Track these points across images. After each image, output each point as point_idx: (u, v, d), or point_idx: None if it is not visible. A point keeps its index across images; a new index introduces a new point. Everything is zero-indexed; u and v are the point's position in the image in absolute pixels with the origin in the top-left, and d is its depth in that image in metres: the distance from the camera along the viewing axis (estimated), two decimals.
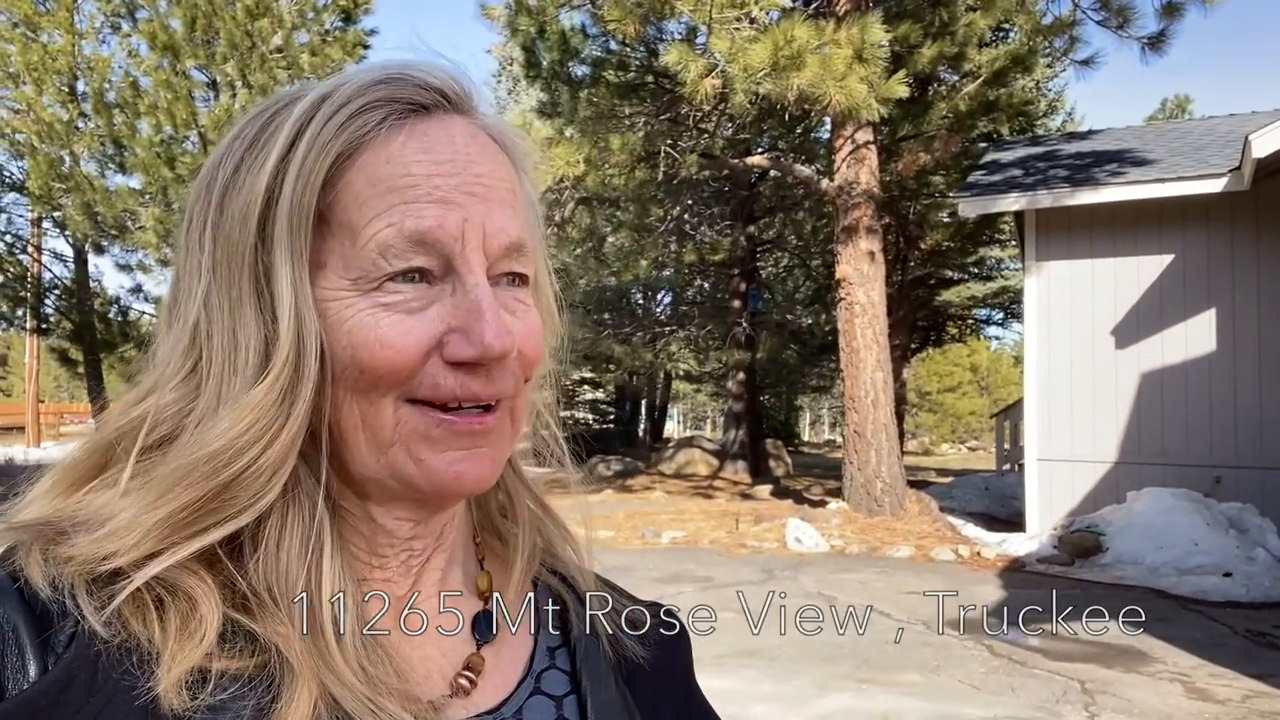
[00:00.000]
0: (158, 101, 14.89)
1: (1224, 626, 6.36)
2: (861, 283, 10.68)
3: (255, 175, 0.54)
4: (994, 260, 23.83)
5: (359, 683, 0.51)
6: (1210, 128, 11.76)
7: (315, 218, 0.54)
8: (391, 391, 0.53)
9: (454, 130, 0.56)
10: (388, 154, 0.54)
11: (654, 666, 0.68)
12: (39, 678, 0.48)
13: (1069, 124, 25.21)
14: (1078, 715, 4.55)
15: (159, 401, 0.54)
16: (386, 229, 0.52)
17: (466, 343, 0.53)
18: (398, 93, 0.55)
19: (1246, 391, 9.41)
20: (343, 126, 0.54)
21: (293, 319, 0.52)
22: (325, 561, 0.54)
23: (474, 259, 0.54)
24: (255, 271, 0.54)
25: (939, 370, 35.28)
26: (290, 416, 0.52)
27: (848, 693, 4.90)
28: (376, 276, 0.53)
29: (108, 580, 0.50)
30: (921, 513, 10.40)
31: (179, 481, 0.51)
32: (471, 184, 0.55)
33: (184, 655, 0.49)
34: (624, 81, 13.03)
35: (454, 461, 0.54)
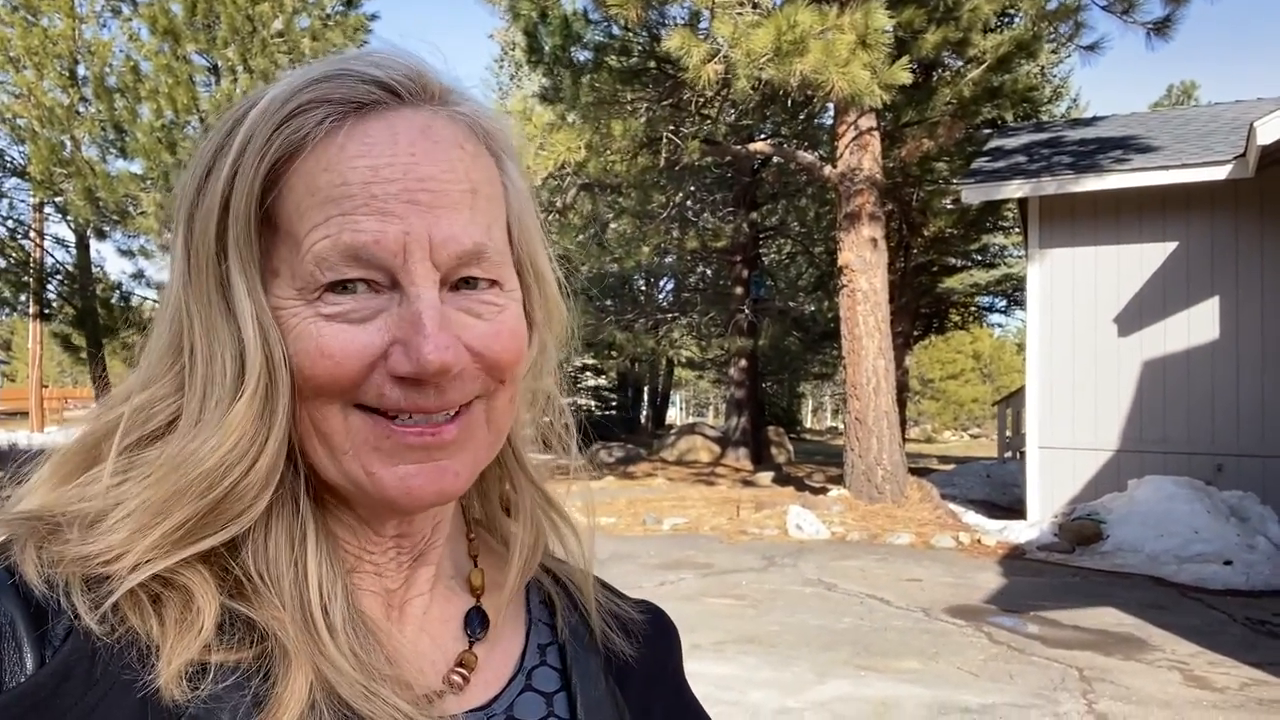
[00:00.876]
0: (159, 86, 14.86)
1: (1223, 614, 6.37)
2: (864, 269, 10.66)
3: (216, 181, 0.53)
4: (997, 247, 23.77)
5: (352, 669, 0.51)
6: (1216, 114, 11.69)
7: (266, 224, 0.53)
8: (336, 400, 0.52)
9: (398, 128, 0.53)
10: (326, 160, 0.52)
11: (643, 665, 0.68)
12: (36, 670, 0.48)
13: (1074, 110, 25.09)
14: (1076, 703, 4.56)
15: (145, 399, 0.54)
16: (323, 241, 0.51)
17: (405, 357, 0.51)
18: (336, 90, 0.53)
19: (1249, 380, 9.39)
20: (278, 130, 0.52)
21: (256, 331, 0.51)
22: (310, 554, 0.53)
23: (418, 270, 0.51)
24: (219, 280, 0.53)
25: (941, 357, 35.24)
26: (273, 429, 0.52)
27: (846, 679, 4.91)
28: (316, 287, 0.51)
29: (103, 577, 0.50)
30: (922, 500, 10.41)
31: (172, 500, 0.51)
32: (415, 191, 0.51)
33: (182, 648, 0.48)
34: (626, 67, 12.97)
35: (406, 476, 0.53)
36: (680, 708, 0.71)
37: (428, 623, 0.61)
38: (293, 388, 0.52)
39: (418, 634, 0.60)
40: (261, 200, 0.52)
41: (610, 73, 12.36)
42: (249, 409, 0.51)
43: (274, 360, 0.51)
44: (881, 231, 11.07)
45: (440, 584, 0.62)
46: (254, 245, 0.52)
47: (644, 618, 0.71)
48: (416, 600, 0.60)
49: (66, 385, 44.92)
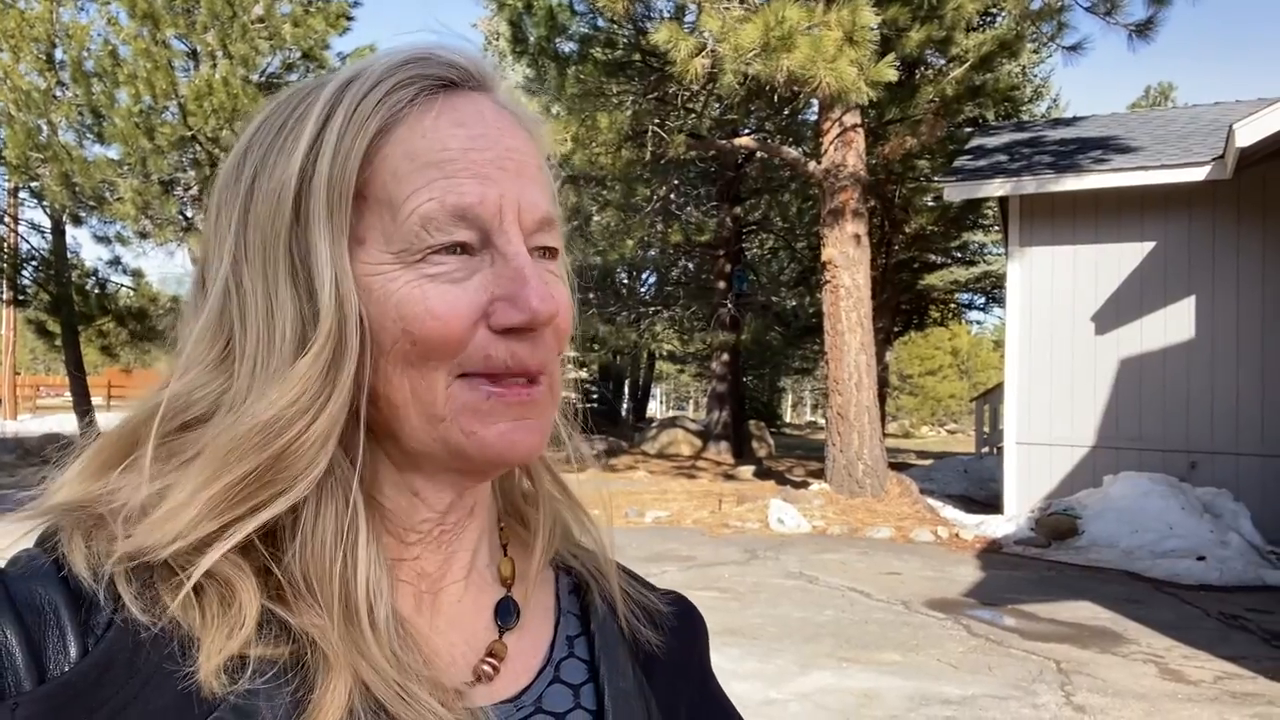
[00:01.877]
0: (137, 71, 14.65)
1: (1197, 609, 6.48)
2: (847, 265, 10.72)
3: (288, 157, 0.55)
4: (977, 245, 23.95)
5: (390, 669, 0.52)
6: (1194, 115, 11.84)
7: (353, 194, 0.54)
8: (444, 364, 0.54)
9: (481, 106, 0.57)
10: (422, 129, 0.55)
11: (670, 656, 0.68)
12: (79, 659, 0.48)
13: (1054, 110, 25.30)
14: (1053, 695, 4.63)
15: (187, 384, 0.55)
16: (428, 203, 0.53)
17: (514, 309, 0.54)
18: (427, 69, 0.57)
19: (1223, 379, 9.54)
20: (380, 103, 0.55)
21: (333, 293, 0.52)
22: (360, 548, 0.54)
23: (512, 231, 0.55)
24: (291, 251, 0.54)
25: (920, 353, 35.50)
26: (336, 388, 0.52)
27: (829, 671, 4.96)
28: (420, 249, 0.53)
29: (148, 567, 0.51)
30: (902, 494, 10.50)
31: (231, 454, 0.51)
32: (504, 159, 0.56)
33: (224, 643, 0.49)
34: (611, 59, 12.95)
35: (506, 432, 0.55)
36: (706, 698, 0.71)
37: (460, 612, 0.61)
38: (363, 355, 0.53)
39: (449, 624, 0.60)
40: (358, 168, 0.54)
41: (595, 65, 12.34)
42: (313, 366, 0.52)
43: (347, 324, 0.53)
44: (865, 228, 11.14)
45: (475, 572, 0.63)
46: (345, 211, 0.54)
47: (671, 608, 0.71)
48: (451, 588, 0.61)
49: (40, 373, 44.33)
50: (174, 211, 15.71)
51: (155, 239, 15.96)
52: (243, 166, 0.57)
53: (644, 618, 0.68)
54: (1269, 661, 5.20)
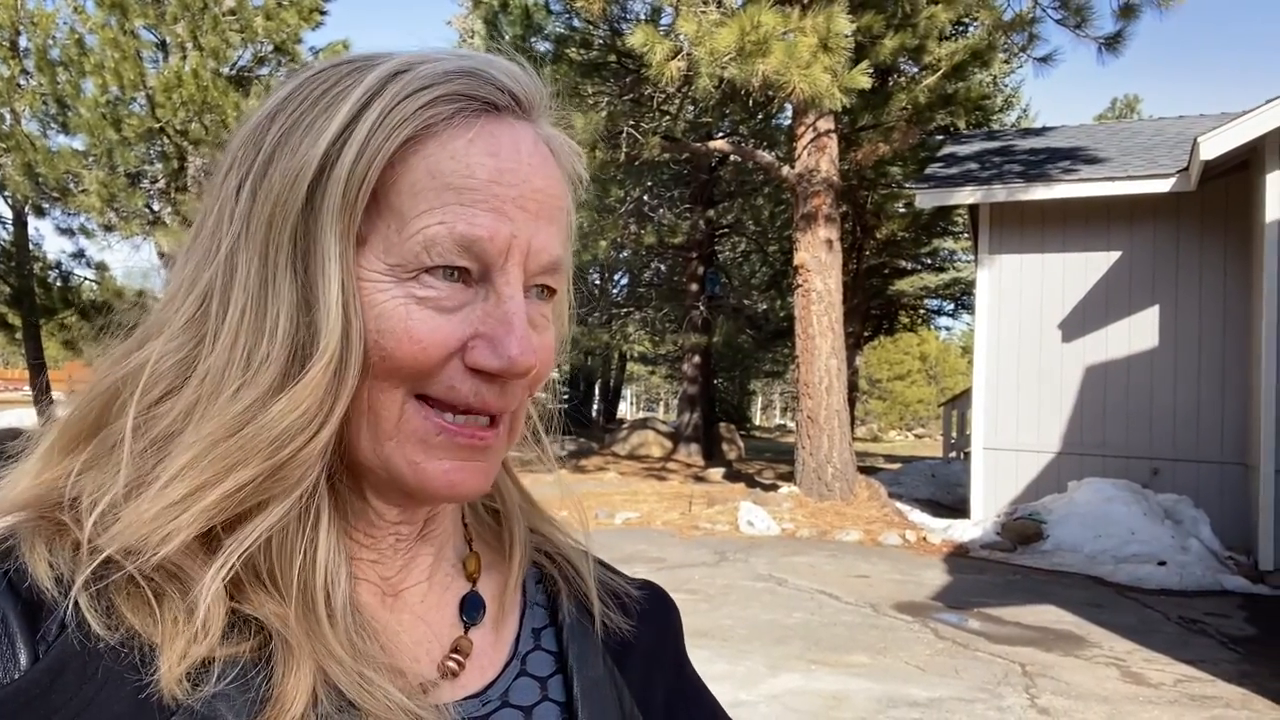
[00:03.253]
0: (104, 61, 14.41)
1: (1158, 613, 6.60)
2: (819, 270, 10.79)
3: (314, 138, 0.52)
4: (947, 251, 24.21)
5: (348, 657, 0.51)
6: (1160, 128, 12.06)
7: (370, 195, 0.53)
8: (405, 385, 0.53)
9: (520, 138, 0.55)
10: (453, 149, 0.53)
11: (643, 643, 0.68)
12: (30, 667, 0.47)
13: (1024, 120, 25.65)
14: (1019, 697, 4.69)
15: (160, 350, 0.53)
16: (438, 226, 0.52)
17: (492, 353, 0.52)
18: (476, 88, 0.54)
19: (1185, 387, 9.72)
20: (420, 110, 0.53)
21: (339, 300, 0.51)
22: (322, 537, 0.53)
23: (514, 272, 0.54)
24: (296, 236, 0.52)
25: (889, 358, 35.81)
26: (338, 401, 0.51)
27: (798, 673, 4.99)
28: (415, 268, 0.52)
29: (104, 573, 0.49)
30: (870, 498, 10.58)
31: (239, 458, 0.50)
32: (528, 198, 0.54)
33: (188, 649, 0.48)
34: (587, 60, 12.94)
35: (449, 471, 0.54)
36: (682, 684, 0.71)
37: (424, 610, 0.61)
38: (363, 364, 0.52)
39: (414, 621, 0.60)
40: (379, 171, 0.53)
41: (571, 65, 12.33)
42: (323, 376, 0.51)
43: (351, 333, 0.51)
44: (837, 233, 11.22)
45: (438, 571, 0.62)
46: (356, 212, 0.52)
47: (642, 594, 0.71)
48: (414, 588, 0.61)
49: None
50: (140, 205, 15.46)
51: (121, 232, 15.70)
52: (267, 131, 0.54)
53: (615, 605, 0.68)
54: (1227, 665, 5.30)
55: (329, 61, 0.57)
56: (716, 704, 0.72)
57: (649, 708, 0.66)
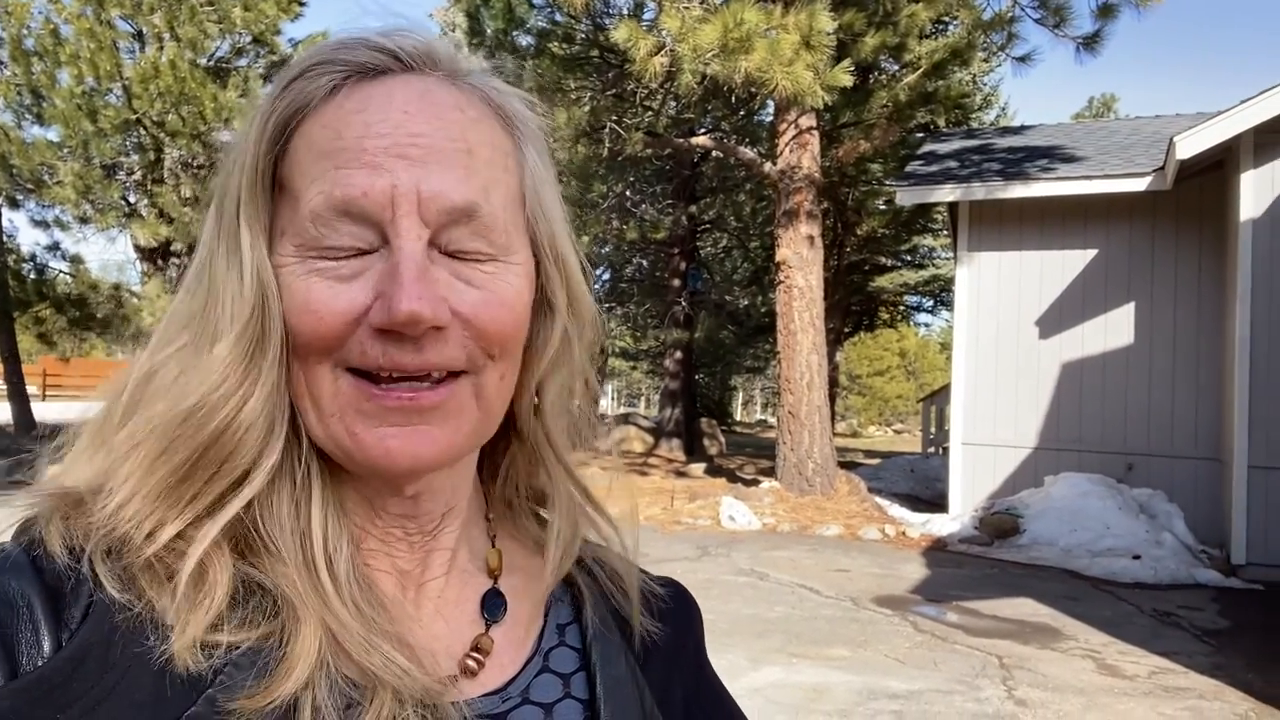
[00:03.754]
0: (80, 51, 14.24)
1: (1132, 606, 6.70)
2: (800, 266, 10.84)
3: (243, 144, 0.55)
4: (926, 248, 24.38)
5: (354, 620, 0.52)
6: (1136, 127, 12.19)
7: (276, 183, 0.54)
8: (326, 359, 0.53)
9: (395, 90, 0.54)
10: (325, 117, 0.53)
11: (665, 642, 0.68)
12: (53, 654, 0.48)
13: (1003, 118, 25.84)
14: (996, 689, 4.76)
15: (160, 357, 0.55)
16: (317, 196, 0.52)
17: (382, 307, 0.51)
18: (346, 55, 0.55)
19: (1160, 383, 9.85)
20: (287, 89, 0.54)
21: (254, 279, 0.52)
22: (315, 507, 0.54)
23: (405, 224, 0.51)
24: (235, 235, 0.54)
25: (869, 354, 35.99)
26: (261, 372, 0.52)
27: (779, 666, 5.03)
28: (310, 244, 0.52)
29: (122, 544, 0.51)
30: (851, 493, 10.66)
31: (164, 444, 0.52)
32: (405, 145, 0.52)
33: (195, 620, 0.49)
34: (569, 54, 12.91)
35: (385, 437, 0.52)
36: (702, 684, 0.71)
37: (443, 606, 0.60)
38: (285, 342, 0.53)
39: (434, 617, 0.59)
40: (274, 159, 0.54)
41: (553, 59, 12.29)
42: (234, 349, 0.52)
43: (269, 310, 0.52)
44: (819, 230, 11.27)
45: (456, 568, 0.62)
46: (258, 202, 0.54)
47: (666, 592, 0.70)
48: (432, 583, 0.60)
49: None
50: (116, 196, 15.30)
51: (96, 224, 15.52)
52: (232, 141, 0.58)
53: (639, 604, 0.67)
54: (1200, 657, 5.40)
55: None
56: (735, 705, 0.72)
57: (668, 707, 0.65)
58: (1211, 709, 4.52)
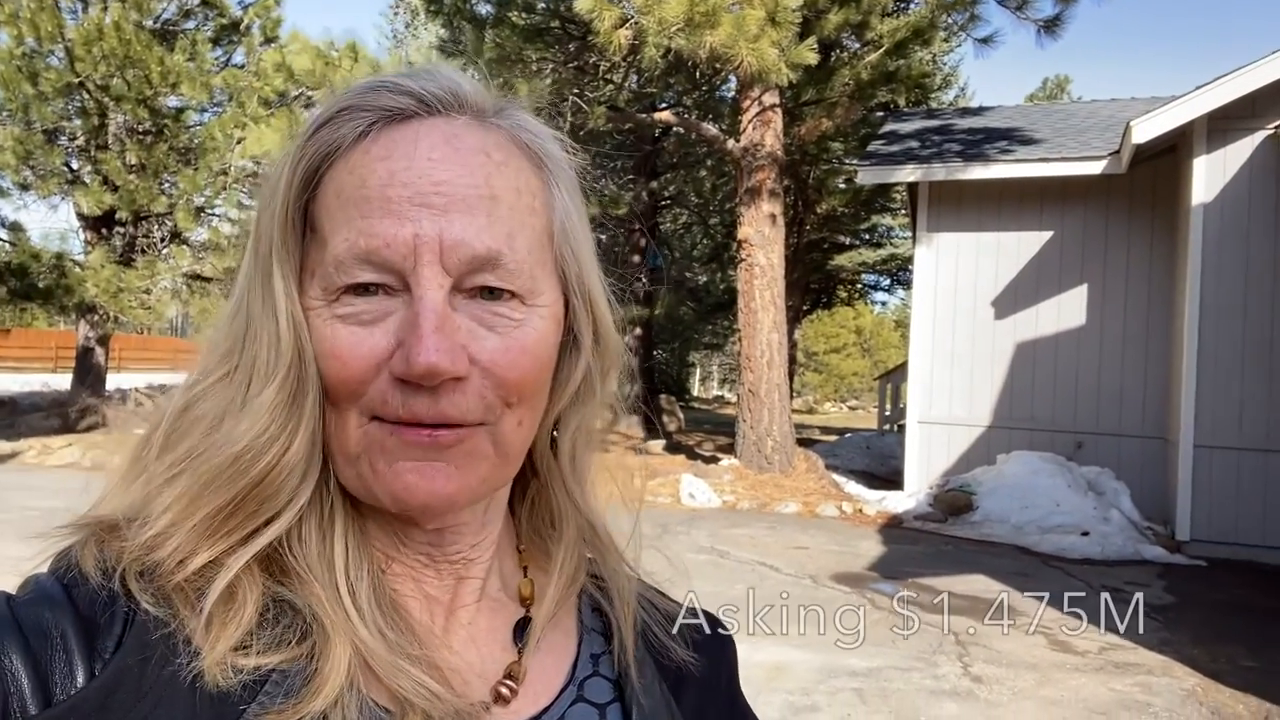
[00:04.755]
0: (19, 10, 13.67)
1: (1081, 582, 6.86)
2: (762, 244, 10.85)
3: (277, 183, 0.56)
4: (885, 228, 24.59)
5: (379, 645, 0.53)
6: (1093, 111, 12.36)
7: (307, 227, 0.55)
8: (353, 405, 0.53)
9: (421, 135, 0.54)
10: (352, 163, 0.54)
11: (699, 674, 0.68)
12: (86, 684, 0.49)
13: (961, 99, 26.07)
14: (953, 665, 4.84)
15: (195, 392, 0.56)
16: (342, 244, 0.53)
17: (402, 358, 0.51)
18: (372, 100, 0.55)
19: (1110, 364, 10.06)
20: (313, 137, 0.55)
21: (289, 324, 0.54)
22: (336, 538, 0.56)
23: (425, 273, 0.52)
24: (269, 276, 0.55)
25: (826, 331, 36.28)
26: (303, 419, 0.53)
27: (740, 644, 5.06)
28: (335, 288, 0.53)
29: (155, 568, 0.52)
30: (809, 470, 10.77)
31: (209, 484, 0.53)
32: (428, 194, 0.52)
33: (225, 635, 0.50)
34: (530, 24, 12.70)
35: (402, 472, 0.53)
36: (735, 716, 0.71)
37: (475, 633, 0.61)
38: (321, 386, 0.54)
39: (466, 644, 0.60)
40: (304, 204, 0.55)
41: (513, 29, 12.08)
42: (277, 396, 0.53)
43: (304, 356, 0.53)
44: (780, 208, 11.28)
45: (488, 596, 0.62)
46: (291, 246, 0.55)
47: (700, 624, 0.72)
48: (462, 611, 0.61)
49: None
50: (58, 163, 14.78)
51: (37, 191, 15.00)
52: (267, 181, 0.58)
53: (671, 633, 0.68)
54: (1148, 633, 5.54)
55: None
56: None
57: None
58: (1160, 684, 4.65)
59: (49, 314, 18.76)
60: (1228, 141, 8.42)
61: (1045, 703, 4.37)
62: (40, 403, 16.45)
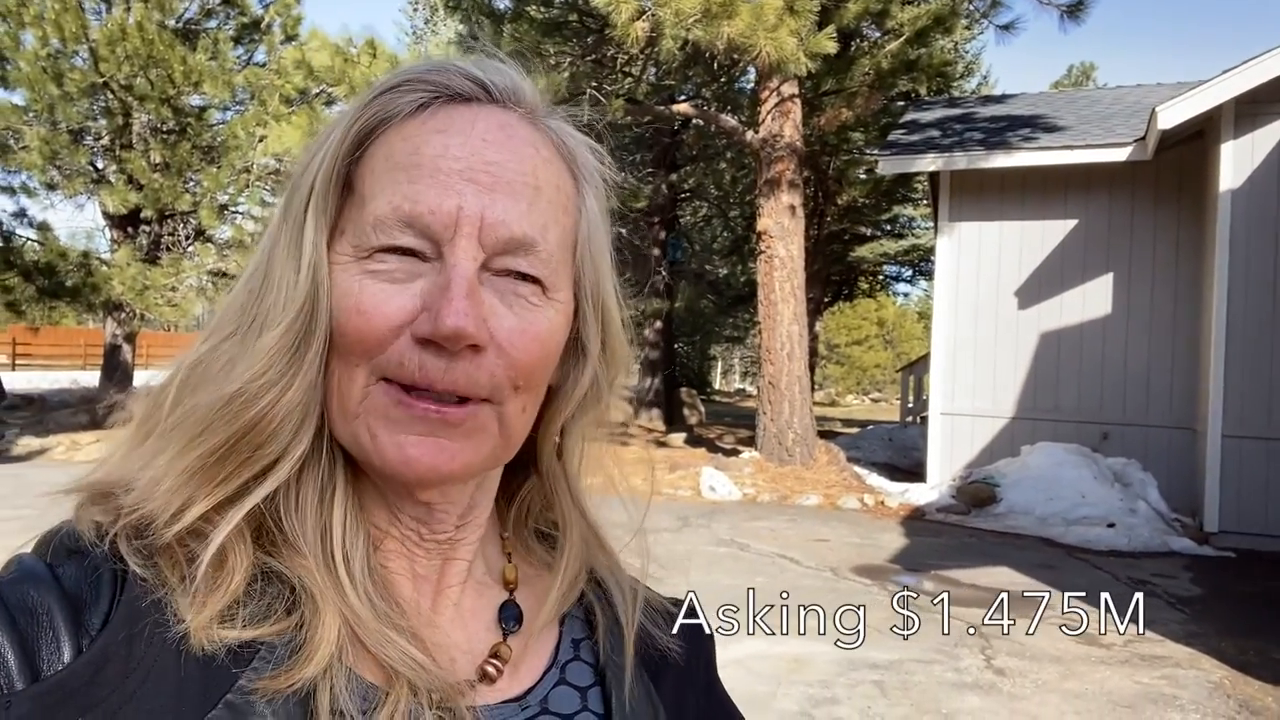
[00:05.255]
0: (44, 12, 13.84)
1: (1107, 574, 6.78)
2: (782, 236, 10.79)
3: (320, 146, 0.58)
4: (906, 218, 24.39)
5: (369, 614, 0.54)
6: (1118, 97, 12.18)
7: (345, 186, 0.56)
8: (364, 363, 0.54)
9: (479, 118, 0.56)
10: (406, 132, 0.56)
11: (676, 661, 0.69)
12: (73, 660, 0.49)
13: (984, 87, 25.80)
14: (975, 658, 4.80)
15: (207, 348, 0.57)
16: (385, 205, 0.54)
17: (429, 319, 0.52)
18: (438, 77, 0.57)
19: (1136, 353, 9.93)
20: (373, 102, 0.57)
21: (309, 273, 0.54)
22: (336, 504, 0.56)
23: (462, 245, 0.53)
24: (297, 228, 0.56)
25: (847, 323, 36.09)
26: (304, 364, 0.54)
27: (759, 637, 5.05)
28: (369, 246, 0.54)
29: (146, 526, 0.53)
30: (830, 463, 10.71)
31: (202, 426, 0.53)
32: (479, 170, 0.54)
33: (212, 601, 0.51)
34: (548, 18, 12.70)
35: (405, 445, 0.54)
36: (712, 703, 0.72)
37: (461, 613, 0.62)
38: (328, 339, 0.54)
39: (452, 623, 0.61)
40: (348, 164, 0.56)
41: (531, 23, 12.10)
42: (280, 341, 0.53)
43: (318, 306, 0.54)
44: (800, 199, 11.21)
45: (473, 578, 0.63)
46: (330, 202, 0.56)
47: (677, 612, 0.73)
48: (449, 591, 0.62)
49: None
50: (84, 162, 14.97)
51: (64, 191, 15.19)
52: (310, 147, 0.60)
53: (652, 622, 0.69)
54: (1175, 626, 5.47)
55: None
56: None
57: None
58: (1187, 676, 4.58)
59: (77, 312, 19.00)
60: (1256, 126, 8.27)
61: (1069, 695, 4.32)
62: (69, 400, 16.69)
